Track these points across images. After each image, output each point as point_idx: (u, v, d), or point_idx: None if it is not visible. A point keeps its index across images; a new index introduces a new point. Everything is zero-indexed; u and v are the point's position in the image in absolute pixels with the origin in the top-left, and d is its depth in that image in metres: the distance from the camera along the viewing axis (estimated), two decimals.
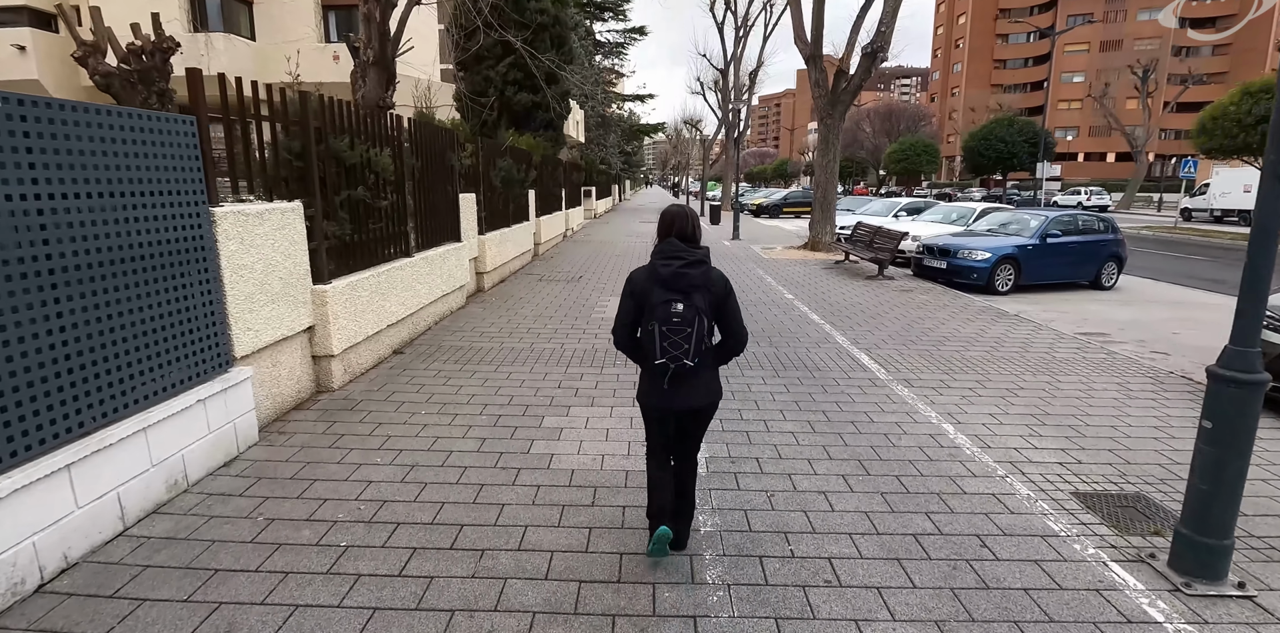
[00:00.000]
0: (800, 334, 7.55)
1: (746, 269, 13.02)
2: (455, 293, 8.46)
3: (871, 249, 12.55)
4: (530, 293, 10.00)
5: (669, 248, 2.72)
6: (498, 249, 10.44)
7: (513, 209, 11.78)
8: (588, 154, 30.72)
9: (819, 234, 15.74)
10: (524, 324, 7.84)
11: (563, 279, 11.41)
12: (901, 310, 9.09)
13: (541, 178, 14.82)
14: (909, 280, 11.94)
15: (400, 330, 6.66)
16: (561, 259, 14.29)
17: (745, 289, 10.56)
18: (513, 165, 11.48)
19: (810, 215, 16.16)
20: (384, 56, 10.31)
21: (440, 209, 7.97)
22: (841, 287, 11.02)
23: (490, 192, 10.28)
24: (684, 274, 2.64)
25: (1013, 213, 13.05)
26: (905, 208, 17.74)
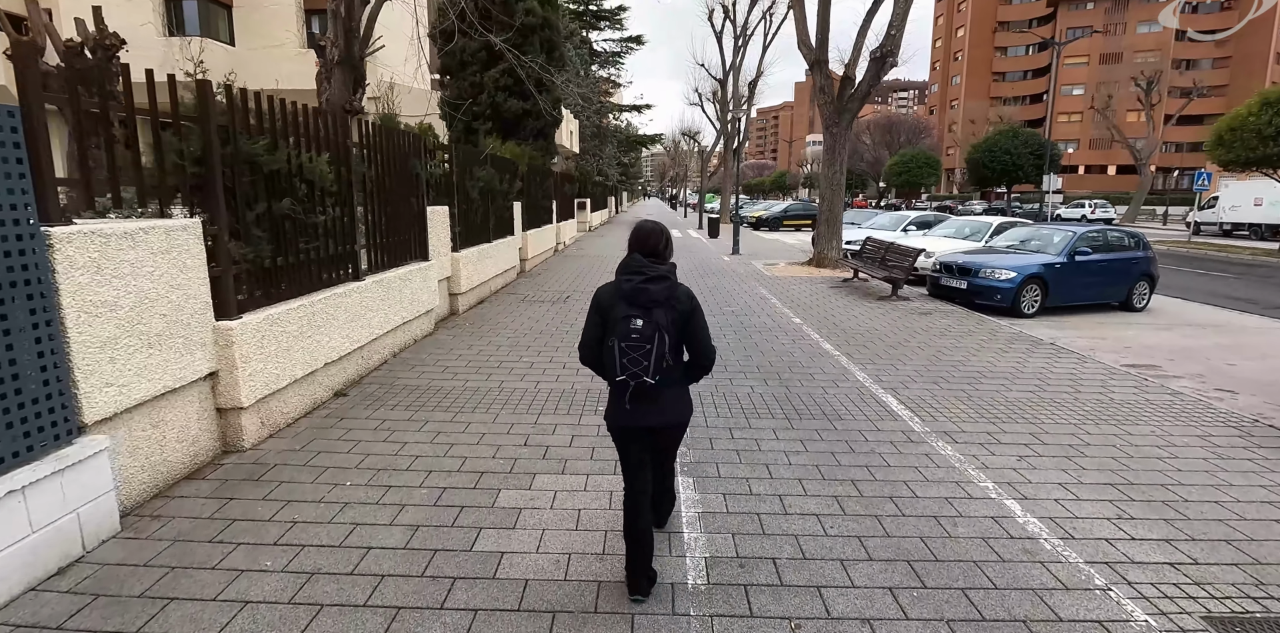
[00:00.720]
0: (814, 369, 6.56)
1: (748, 288, 12.05)
2: (421, 319, 7.46)
3: (884, 267, 11.59)
4: (510, 317, 9.00)
5: (632, 263, 2.67)
6: (475, 268, 9.46)
7: (494, 223, 10.81)
8: (583, 165, 29.87)
9: (825, 250, 14.80)
10: (496, 356, 6.83)
11: (548, 299, 10.42)
12: (923, 338, 8.11)
13: (529, 189, 13.88)
14: (925, 301, 10.98)
15: (346, 367, 5.66)
16: (550, 276, 13.31)
17: (748, 312, 9.58)
18: (495, 175, 10.53)
19: (814, 229, 15.21)
20: (351, 55, 9.38)
21: (402, 224, 7.00)
22: (853, 309, 10.05)
23: (467, 204, 9.32)
24: (645, 289, 2.58)
25: (1035, 228, 12.11)
26: (915, 222, 16.82)
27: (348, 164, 5.64)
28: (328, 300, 5.19)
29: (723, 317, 9.15)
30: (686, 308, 2.69)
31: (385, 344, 6.49)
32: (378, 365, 6.31)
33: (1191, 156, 67.56)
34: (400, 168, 6.92)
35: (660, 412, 2.75)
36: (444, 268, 8.48)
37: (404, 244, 7.11)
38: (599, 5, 35.18)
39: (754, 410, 5.28)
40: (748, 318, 9.11)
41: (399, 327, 6.77)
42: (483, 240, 10.21)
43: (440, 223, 8.25)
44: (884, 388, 5.97)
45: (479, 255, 9.70)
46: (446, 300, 8.83)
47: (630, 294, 2.59)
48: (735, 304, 10.24)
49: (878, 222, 18.10)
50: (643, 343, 2.55)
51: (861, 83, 14.08)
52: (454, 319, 8.70)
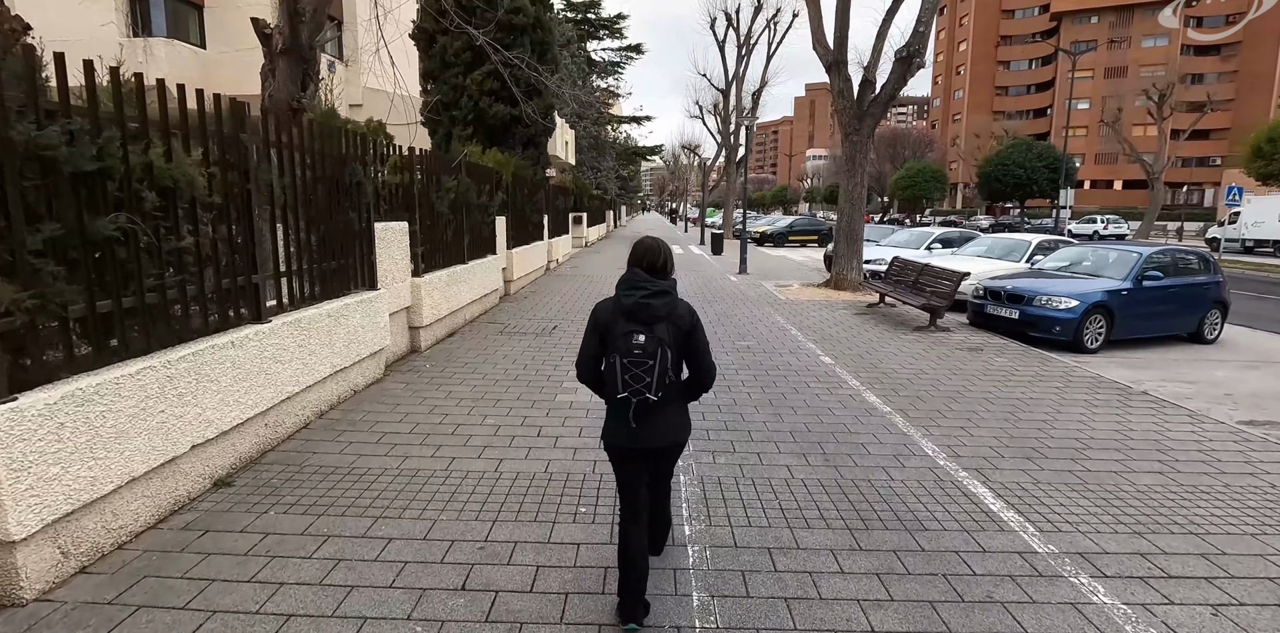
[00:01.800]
0: (864, 435, 5.04)
1: (762, 315, 10.55)
2: (364, 364, 5.96)
3: (917, 292, 10.11)
4: (483, 355, 7.49)
5: (633, 278, 2.64)
6: (442, 295, 7.97)
7: (470, 241, 9.34)
8: (579, 177, 28.52)
9: (844, 270, 13.33)
10: (455, 415, 5.32)
11: (532, 331, 8.92)
12: (986, 384, 6.61)
13: (515, 202, 12.43)
14: (968, 332, 9.48)
15: (238, 443, 4.15)
16: (538, 300, 11.82)
17: (768, 347, 8.08)
18: (471, 186, 9.07)
19: (831, 247, 13.75)
20: (297, 42, 7.95)
21: (339, 245, 5.52)
22: (888, 343, 8.55)
23: (432, 219, 7.84)
24: (646, 305, 2.56)
25: (1089, 248, 10.66)
26: (940, 240, 15.38)
27: (244, 169, 4.17)
28: (201, 356, 3.69)
29: (738, 355, 7.65)
30: (688, 324, 2.66)
31: (306, 403, 4.97)
32: (292, 433, 4.79)
33: (1201, 171, 66.56)
34: (332, 176, 5.44)
35: (661, 431, 2.69)
36: (400, 297, 6.99)
37: (342, 271, 5.62)
38: (597, 13, 34.06)
39: (798, 513, 3.76)
40: (768, 357, 7.60)
41: (329, 377, 5.26)
42: (454, 262, 8.72)
43: (396, 242, 6.77)
44: (965, 468, 4.45)
45: (448, 280, 8.21)
46: (405, 335, 7.33)
47: (632, 309, 2.56)
48: (751, 337, 8.74)
49: (897, 239, 16.65)
50: (645, 359, 2.51)
51: (885, 86, 12.71)
52: (413, 360, 7.19)
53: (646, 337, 2.51)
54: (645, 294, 2.57)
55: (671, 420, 2.71)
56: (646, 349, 2.50)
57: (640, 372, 2.51)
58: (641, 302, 2.55)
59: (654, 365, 2.50)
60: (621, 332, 2.54)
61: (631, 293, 2.58)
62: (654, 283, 2.60)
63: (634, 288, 2.59)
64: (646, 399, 2.54)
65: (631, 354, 2.51)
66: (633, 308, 2.55)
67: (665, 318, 2.57)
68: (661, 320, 2.56)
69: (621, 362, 2.52)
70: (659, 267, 2.69)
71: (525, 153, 15.83)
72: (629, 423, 2.61)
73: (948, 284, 9.35)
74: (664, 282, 2.64)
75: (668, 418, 2.68)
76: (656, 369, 2.51)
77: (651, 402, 2.54)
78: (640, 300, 2.55)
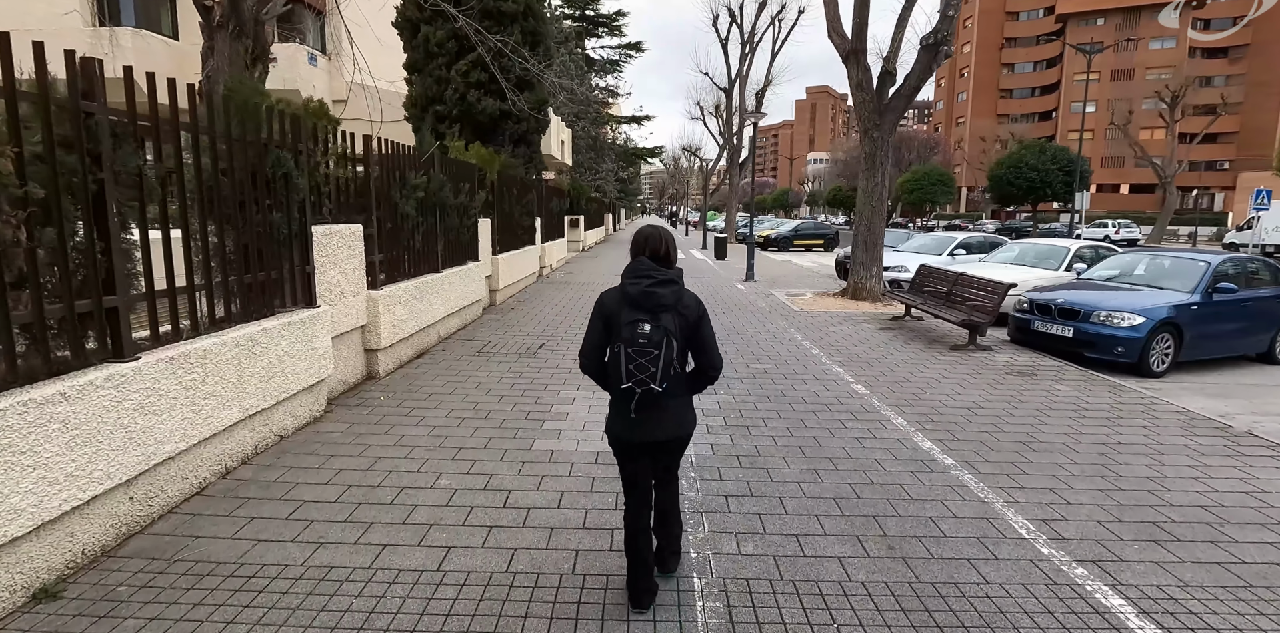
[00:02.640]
0: (932, 505, 3.87)
1: (776, 330, 9.38)
2: (297, 400, 4.79)
3: (952, 305, 8.96)
4: (452, 382, 6.32)
5: (639, 267, 2.60)
6: (407, 311, 6.80)
7: (445, 246, 8.18)
8: (577, 179, 27.38)
9: (862, 279, 12.17)
10: (400, 472, 4.14)
11: (515, 350, 7.75)
12: (1059, 423, 5.44)
13: (502, 203, 11.28)
14: (1012, 351, 8.32)
15: (84, 529, 2.98)
16: (526, 312, 10.65)
17: (788, 372, 6.91)
18: (444, 183, 7.92)
19: (850, 254, 12.60)
20: (240, 16, 6.84)
21: (254, 254, 4.35)
22: (927, 366, 7.39)
23: (396, 222, 6.68)
24: (653, 293, 2.51)
25: (1148, 256, 9.49)
26: (964, 245, 14.22)
27: (91, 151, 3.01)
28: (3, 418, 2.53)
29: (754, 383, 6.48)
30: (695, 314, 2.62)
31: (200, 462, 3.80)
32: (175, 505, 3.61)
33: (1209, 175, 65.51)
34: (253, 165, 4.29)
35: (665, 424, 2.65)
36: (352, 315, 5.83)
37: (265, 286, 4.46)
38: (595, 10, 32.97)
39: None
40: (790, 385, 6.44)
41: (239, 424, 4.10)
42: (425, 270, 7.56)
43: (345, 250, 5.61)
44: (1079, 560, 3.28)
45: (415, 292, 7.04)
46: (359, 360, 6.15)
47: (638, 298, 2.52)
48: (767, 358, 7.57)
49: (916, 244, 15.47)
50: (650, 348, 2.46)
51: (909, 76, 11.58)
52: (367, 389, 6.02)
53: (652, 326, 2.47)
54: (652, 283, 2.53)
55: (675, 413, 2.67)
56: (652, 338, 2.46)
57: (645, 361, 2.46)
58: (648, 290, 2.51)
59: (659, 355, 2.46)
60: (627, 320, 2.49)
61: (638, 281, 2.54)
62: (660, 271, 2.57)
63: (640, 276, 2.55)
64: (651, 390, 2.49)
65: (636, 343, 2.46)
66: (639, 297, 2.51)
67: (672, 307, 2.54)
68: (668, 310, 2.52)
69: (626, 351, 2.47)
70: (662, 254, 2.66)
71: (516, 151, 14.69)
72: (631, 414, 2.58)
73: (990, 297, 8.18)
74: (670, 271, 2.60)
75: (671, 410, 2.65)
76: (661, 359, 2.46)
77: (656, 393, 2.51)
78: (646, 289, 2.51)
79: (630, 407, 2.56)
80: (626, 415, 2.60)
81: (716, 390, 6.13)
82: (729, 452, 4.60)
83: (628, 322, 2.49)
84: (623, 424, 2.64)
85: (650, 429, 2.62)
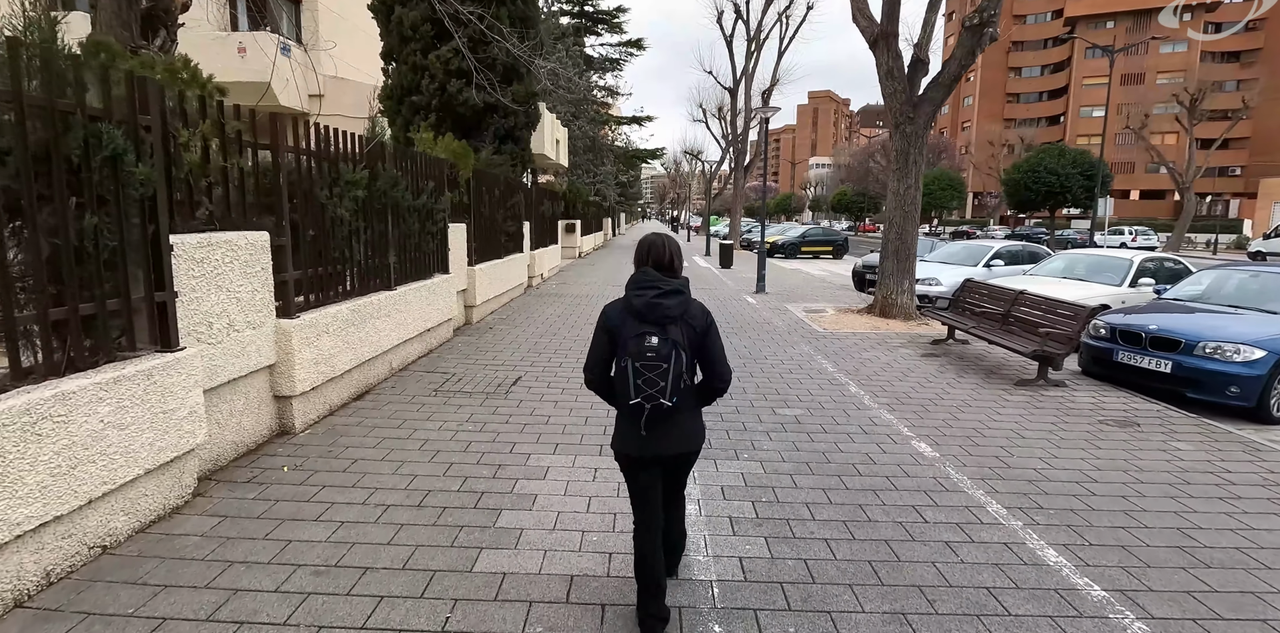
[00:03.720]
0: None
1: (801, 358, 7.89)
2: (133, 490, 3.29)
3: (1013, 330, 7.47)
4: (390, 441, 4.82)
5: (644, 277, 2.51)
6: (336, 343, 5.30)
7: (399, 257, 6.69)
8: (574, 181, 25.92)
9: (892, 294, 10.68)
10: (260, 627, 2.64)
11: (482, 387, 6.24)
12: (1214, 508, 3.94)
13: (480, 206, 9.81)
14: (1090, 386, 6.82)
15: None
16: (505, 332, 9.15)
17: (828, 421, 5.40)
18: (399, 180, 6.44)
19: (879, 264, 11.11)
20: None
21: (54, 276, 2.86)
22: (999, 411, 5.88)
23: (321, 227, 5.19)
24: (659, 304, 2.42)
25: (1243, 272, 8.00)
26: (1001, 255, 12.74)
27: None
28: None
29: (785, 438, 4.98)
30: (703, 324, 2.54)
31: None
32: None
33: (1224, 181, 64.18)
34: (49, 143, 2.81)
35: (675, 439, 2.56)
36: (251, 353, 4.33)
37: (67, 327, 2.97)
38: (595, 5, 31.55)
39: None
40: (834, 443, 4.93)
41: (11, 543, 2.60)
42: (373, 288, 6.08)
43: (236, 266, 4.12)
44: None
45: (352, 317, 5.54)
46: (265, 412, 4.65)
47: (643, 310, 2.43)
48: (796, 400, 6.07)
49: (945, 254, 13.96)
50: (659, 362, 2.38)
51: (949, 63, 10.12)
52: (272, 452, 4.51)
53: (660, 339, 2.39)
54: (657, 294, 2.44)
55: (685, 427, 2.58)
56: (660, 352, 2.37)
57: (654, 376, 2.38)
58: (653, 302, 2.43)
59: (668, 369, 2.38)
60: (633, 334, 2.41)
61: (642, 293, 2.46)
62: (666, 282, 2.48)
63: (645, 287, 2.47)
64: (660, 405, 2.41)
65: (644, 357, 2.38)
66: (644, 308, 2.42)
67: (679, 319, 2.45)
68: (675, 321, 2.44)
69: (634, 366, 2.39)
70: (667, 263, 2.56)
71: (502, 148, 13.23)
72: (640, 430, 2.49)
73: (1068, 323, 6.68)
74: (676, 280, 2.51)
75: (681, 425, 2.56)
76: (671, 373, 2.38)
77: (666, 408, 2.42)
78: (652, 300, 2.43)
79: (640, 423, 2.47)
80: (636, 432, 2.51)
81: (740, 454, 4.64)
82: (767, 575, 3.09)
83: (634, 335, 2.40)
84: (632, 440, 2.55)
85: (658, 445, 2.53)
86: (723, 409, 5.68)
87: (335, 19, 18.37)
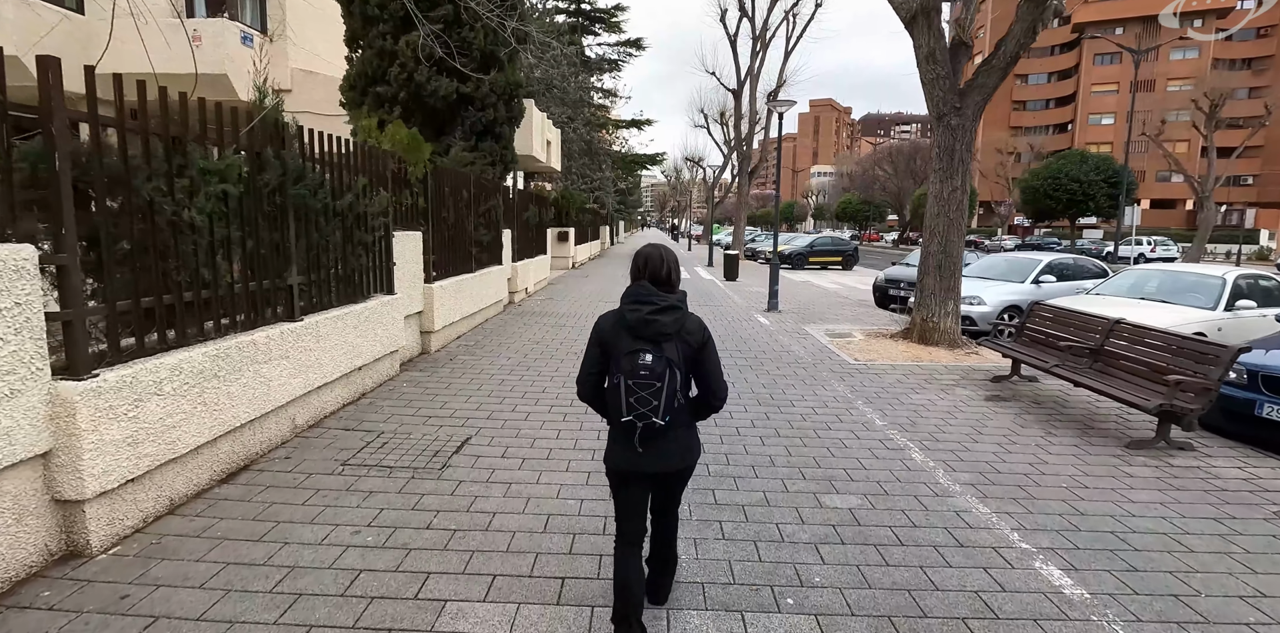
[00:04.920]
0: None
1: (837, 403, 6.21)
2: None
3: (1110, 370, 5.80)
4: (242, 562, 3.13)
5: (639, 291, 2.44)
6: (181, 407, 3.61)
7: (306, 280, 5.02)
8: (568, 186, 24.31)
9: (934, 316, 9.01)
10: None
11: (408, 460, 4.55)
12: None
13: (440, 210, 8.16)
14: (1231, 452, 5.12)
15: None
16: (468, 365, 7.47)
17: (897, 521, 3.71)
18: (309, 173, 4.78)
19: (918, 283, 9.43)
20: None
21: None
22: (1131, 495, 4.19)
23: (159, 236, 3.51)
24: (654, 321, 2.35)
25: None
26: (1052, 268, 11.07)
27: None
28: None
29: (842, 557, 3.28)
30: (699, 340, 2.47)
31: None
32: None
33: (1238, 191, 62.73)
34: None
35: (669, 456, 2.49)
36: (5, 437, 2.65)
37: None
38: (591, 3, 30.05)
39: None
40: (915, 564, 3.23)
41: None
42: (256, 322, 4.39)
43: None
44: None
45: (205, 369, 3.85)
46: (37, 524, 2.96)
47: (637, 325, 2.36)
48: (843, 475, 4.38)
49: (984, 268, 12.26)
50: (653, 381, 2.31)
51: (1005, 41, 8.51)
52: (43, 589, 2.82)
53: (654, 356, 2.32)
54: (653, 309, 2.37)
55: (680, 443, 2.51)
56: (654, 370, 2.31)
57: (647, 394, 2.31)
58: (648, 318, 2.35)
59: (662, 388, 2.31)
60: (626, 350, 2.34)
61: (637, 308, 2.38)
62: (661, 297, 2.41)
63: (640, 302, 2.39)
64: (653, 424, 2.35)
65: (638, 375, 2.31)
66: (637, 324, 2.35)
67: (674, 335, 2.38)
68: (670, 338, 2.37)
69: (626, 383, 2.32)
70: (664, 278, 2.48)
71: (480, 145, 11.60)
72: (634, 448, 2.44)
73: (1204, 368, 4.98)
74: (672, 295, 2.44)
75: (676, 440, 2.49)
76: (665, 392, 2.32)
77: (658, 426, 2.36)
78: (647, 316, 2.35)
79: (633, 441, 2.41)
80: (630, 448, 2.44)
81: (780, 598, 2.94)
82: None
83: (628, 352, 2.33)
84: (623, 456, 2.48)
85: (652, 460, 2.46)
86: (747, 497, 4.00)
87: (304, 6, 16.81)
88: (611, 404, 2.39)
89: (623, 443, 2.46)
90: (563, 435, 5.03)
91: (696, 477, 4.23)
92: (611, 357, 2.39)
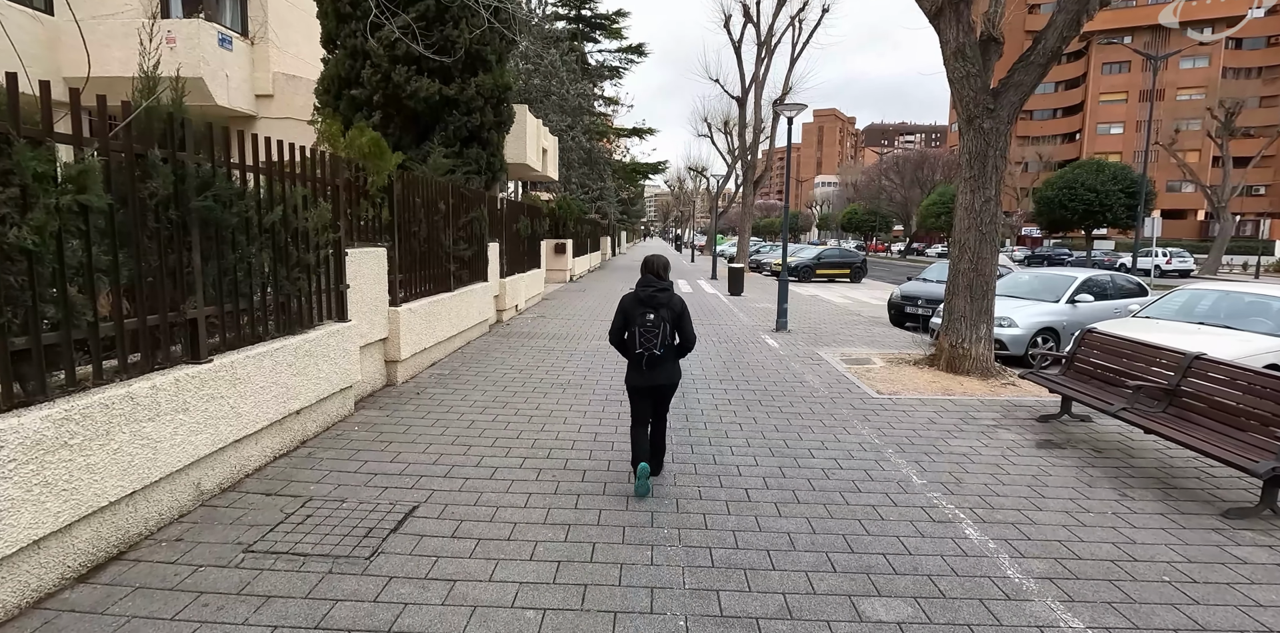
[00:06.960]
0: None
1: (861, 452, 5.26)
2: None
3: (1190, 417, 4.85)
4: None
5: (647, 280, 4.26)
6: (17, 492, 2.67)
7: (219, 312, 4.10)
8: (566, 197, 23.46)
9: (964, 341, 8.06)
10: None
11: (332, 545, 3.60)
12: None
13: (408, 223, 7.26)
14: None
15: None
16: (437, 401, 6.53)
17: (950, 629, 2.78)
18: (212, 179, 3.87)
19: (947, 304, 8.49)
20: None
21: None
22: (1248, 590, 3.23)
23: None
24: (655, 296, 4.18)
25: None
26: (1089, 287, 10.10)
27: None
28: None
29: None
30: (679, 310, 4.25)
31: None
32: None
33: (1252, 201, 61.68)
34: None
35: (663, 375, 4.26)
36: None
37: None
38: (592, 9, 29.36)
39: None
40: None
41: None
42: (140, 369, 3.47)
43: None
44: None
45: (59, 437, 2.93)
46: None
47: (646, 298, 4.18)
48: (885, 566, 3.42)
49: (1012, 285, 11.24)
50: (654, 329, 4.13)
51: (1046, 33, 7.66)
52: None
53: (654, 316, 4.13)
54: (655, 289, 4.19)
55: (669, 368, 4.29)
56: (654, 323, 4.12)
57: (650, 337, 4.13)
58: (652, 294, 4.17)
59: (659, 333, 4.13)
60: (639, 312, 4.17)
61: (646, 288, 4.20)
62: (659, 283, 4.23)
63: (647, 285, 4.21)
64: (654, 354, 4.15)
65: (645, 325, 4.13)
66: (646, 298, 4.17)
67: (666, 304, 4.18)
68: (663, 306, 4.17)
69: (639, 331, 4.15)
70: (660, 273, 4.29)
71: (465, 152, 10.73)
72: (642, 369, 4.20)
73: None
74: (665, 282, 4.26)
75: (667, 367, 4.27)
76: (659, 336, 4.13)
77: (657, 356, 4.16)
78: (652, 293, 4.17)
79: (642, 365, 4.19)
80: (640, 370, 4.22)
81: None
82: None
83: (639, 313, 4.16)
84: (637, 376, 4.25)
85: (653, 378, 4.24)
86: (762, 605, 3.04)
87: (287, 7, 16.05)
88: (629, 345, 4.25)
89: (636, 368, 4.25)
90: (532, 503, 4.09)
91: (696, 570, 3.29)
92: (630, 318, 4.21)
